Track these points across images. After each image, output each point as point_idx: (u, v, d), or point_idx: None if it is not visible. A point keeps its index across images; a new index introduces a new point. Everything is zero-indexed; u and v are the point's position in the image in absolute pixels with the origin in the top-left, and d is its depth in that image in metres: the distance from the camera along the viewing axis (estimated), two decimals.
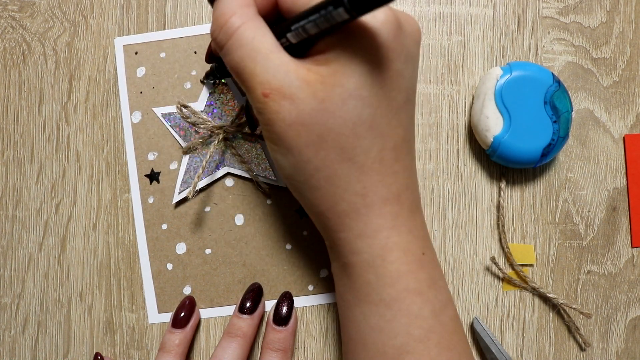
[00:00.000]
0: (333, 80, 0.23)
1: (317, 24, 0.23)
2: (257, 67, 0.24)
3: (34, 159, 0.38)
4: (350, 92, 0.24)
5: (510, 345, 0.37)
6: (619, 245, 0.38)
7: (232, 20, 0.24)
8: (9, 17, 0.38)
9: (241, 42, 0.24)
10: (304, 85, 0.24)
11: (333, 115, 0.24)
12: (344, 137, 0.24)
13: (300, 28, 0.24)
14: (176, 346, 0.34)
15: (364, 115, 0.24)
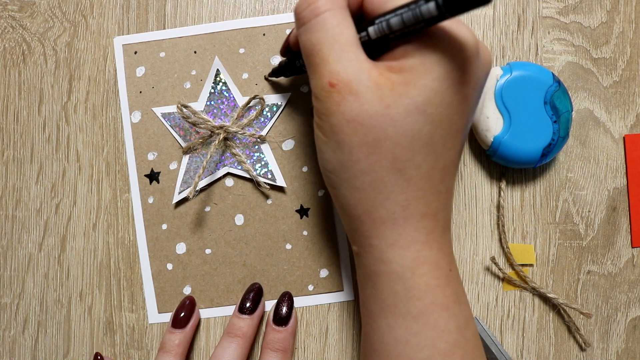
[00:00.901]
0: (402, 89, 0.23)
1: (403, 19, 0.22)
2: (332, 54, 0.24)
3: (34, 159, 0.38)
4: (416, 105, 0.23)
5: (510, 345, 0.37)
6: (619, 245, 0.38)
7: (323, 1, 0.24)
8: (9, 17, 0.38)
9: (324, 25, 0.24)
10: (373, 86, 0.23)
11: (394, 124, 0.24)
12: (399, 148, 0.24)
13: (384, 22, 0.23)
14: (176, 346, 0.34)
15: (423, 131, 0.24)
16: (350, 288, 0.37)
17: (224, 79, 0.37)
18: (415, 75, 0.23)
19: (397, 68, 0.24)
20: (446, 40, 0.23)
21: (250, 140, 0.37)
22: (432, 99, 0.23)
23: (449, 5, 0.20)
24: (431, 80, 0.23)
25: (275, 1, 0.38)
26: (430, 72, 0.23)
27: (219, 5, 0.38)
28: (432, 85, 0.23)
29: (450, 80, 0.24)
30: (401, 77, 0.23)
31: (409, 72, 0.23)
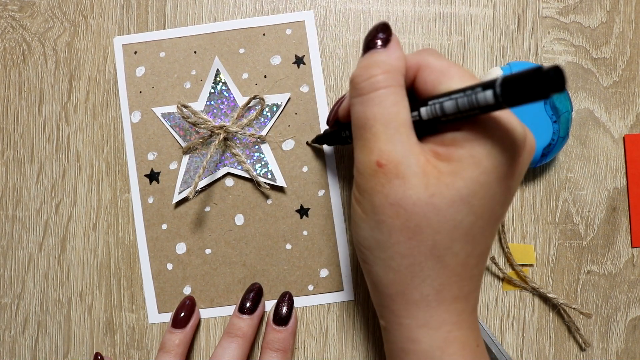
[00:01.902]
0: (449, 180, 0.23)
1: (458, 104, 0.22)
2: (385, 133, 0.24)
3: (34, 159, 0.38)
4: (461, 196, 0.23)
5: (510, 345, 0.37)
6: (619, 245, 0.37)
7: (383, 76, 0.24)
8: (9, 17, 0.38)
9: (382, 102, 0.24)
10: (420, 172, 0.23)
11: (437, 213, 0.23)
12: (440, 236, 0.24)
13: (437, 105, 0.23)
14: (176, 346, 0.34)
15: (465, 221, 0.24)
16: (350, 288, 0.37)
17: (224, 79, 0.37)
18: (463, 167, 0.23)
19: (445, 156, 0.24)
20: (497, 131, 0.23)
21: (250, 140, 0.37)
22: (477, 192, 0.23)
23: (507, 95, 0.20)
24: (478, 174, 0.23)
25: (275, 1, 0.38)
26: (478, 166, 0.23)
27: (219, 5, 0.38)
28: (479, 178, 0.23)
29: (498, 173, 0.23)
30: (448, 166, 0.23)
31: (456, 163, 0.23)
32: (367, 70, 0.25)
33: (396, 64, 0.25)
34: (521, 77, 0.19)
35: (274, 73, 0.37)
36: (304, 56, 0.37)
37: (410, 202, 0.23)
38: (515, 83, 0.20)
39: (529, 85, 0.19)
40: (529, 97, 0.19)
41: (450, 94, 0.23)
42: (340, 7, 0.38)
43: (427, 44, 0.38)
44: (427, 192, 0.23)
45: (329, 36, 0.38)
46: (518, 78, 0.20)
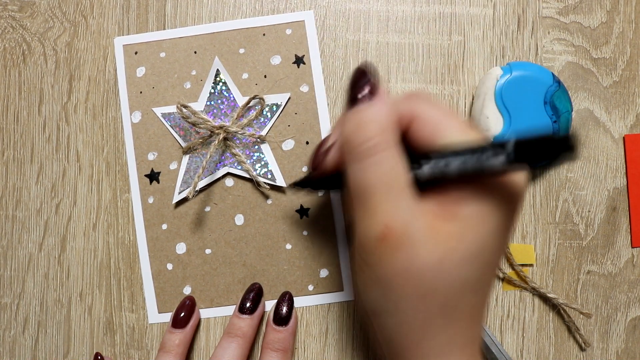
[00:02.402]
0: (457, 241, 0.22)
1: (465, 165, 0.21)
2: (387, 201, 0.22)
3: (34, 159, 0.38)
4: (469, 256, 0.23)
5: (510, 345, 0.37)
6: (619, 245, 0.37)
7: (378, 138, 0.23)
8: (9, 17, 0.38)
9: (381, 167, 0.22)
10: (427, 237, 0.22)
11: (447, 275, 0.23)
12: (450, 295, 0.23)
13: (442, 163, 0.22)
14: (176, 346, 0.34)
15: (473, 277, 0.23)
16: (350, 288, 0.37)
17: (224, 79, 0.37)
18: (470, 227, 0.22)
19: (450, 215, 0.23)
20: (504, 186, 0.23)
21: (250, 140, 0.37)
22: (485, 248, 0.23)
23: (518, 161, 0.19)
24: (486, 232, 0.23)
25: (275, 1, 0.38)
26: (486, 223, 0.22)
27: (219, 5, 0.38)
28: (487, 236, 0.23)
29: (503, 226, 0.23)
30: (455, 226, 0.22)
31: (463, 222, 0.22)
32: (360, 132, 0.23)
33: (389, 120, 0.24)
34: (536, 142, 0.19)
35: (274, 73, 0.37)
36: (304, 56, 0.37)
37: (420, 269, 0.22)
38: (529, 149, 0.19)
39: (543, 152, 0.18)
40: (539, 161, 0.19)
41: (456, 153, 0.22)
42: (340, 7, 0.38)
43: (427, 44, 0.38)
44: (435, 257, 0.22)
45: (329, 36, 0.38)
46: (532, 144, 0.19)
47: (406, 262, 0.22)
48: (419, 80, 0.38)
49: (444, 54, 0.38)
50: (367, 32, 0.38)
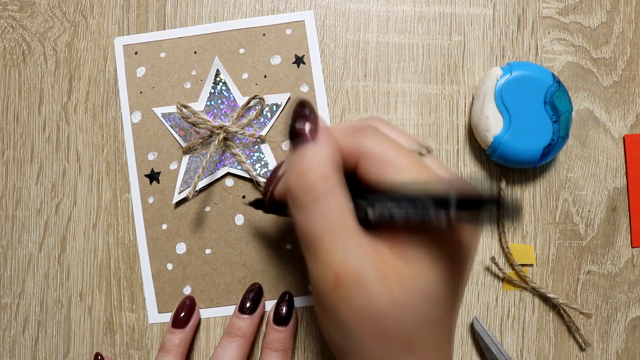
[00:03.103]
0: (410, 282, 0.22)
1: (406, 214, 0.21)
2: (336, 246, 0.22)
3: (34, 159, 0.38)
4: (425, 296, 0.22)
5: (510, 345, 0.37)
6: (619, 245, 0.37)
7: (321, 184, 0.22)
8: (9, 17, 0.38)
9: (326, 213, 0.22)
10: (380, 279, 0.22)
11: (404, 315, 0.22)
12: (410, 333, 0.23)
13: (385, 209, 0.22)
14: (176, 346, 0.34)
15: (433, 314, 0.23)
16: None
17: (224, 79, 0.37)
18: (423, 268, 0.22)
19: (402, 256, 0.22)
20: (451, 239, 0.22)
21: (250, 140, 0.37)
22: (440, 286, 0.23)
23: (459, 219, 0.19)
24: (439, 271, 0.22)
25: (275, 1, 0.38)
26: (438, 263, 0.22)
27: (219, 5, 0.38)
28: (440, 274, 0.22)
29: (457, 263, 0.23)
30: (408, 268, 0.22)
31: (415, 263, 0.22)
32: (301, 181, 0.23)
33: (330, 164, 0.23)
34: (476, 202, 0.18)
35: (274, 73, 0.37)
36: (303, 56, 0.37)
37: (376, 311, 0.22)
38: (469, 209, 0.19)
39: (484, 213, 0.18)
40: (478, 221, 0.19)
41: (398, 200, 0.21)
42: (340, 7, 0.38)
43: (427, 44, 0.38)
44: (391, 298, 0.22)
45: (329, 36, 0.38)
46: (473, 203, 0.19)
47: (362, 305, 0.22)
48: (419, 80, 0.38)
49: (444, 54, 0.38)
50: (367, 32, 0.38)
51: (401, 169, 0.22)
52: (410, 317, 0.22)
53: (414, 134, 0.37)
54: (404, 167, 0.22)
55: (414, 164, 0.23)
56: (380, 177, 0.23)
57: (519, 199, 0.18)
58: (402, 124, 0.38)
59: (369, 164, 0.23)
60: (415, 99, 0.38)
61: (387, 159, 0.23)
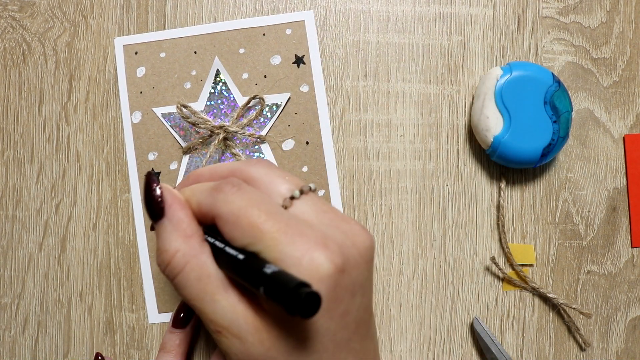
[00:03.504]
0: (278, 333, 0.23)
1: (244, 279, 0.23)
2: (205, 307, 0.24)
3: (34, 159, 0.38)
4: (295, 344, 0.23)
5: (510, 345, 0.37)
6: (619, 245, 0.38)
7: (175, 260, 0.25)
8: (9, 17, 0.38)
9: (187, 282, 0.24)
10: (252, 330, 0.24)
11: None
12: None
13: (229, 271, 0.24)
14: (177, 346, 0.34)
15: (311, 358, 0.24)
16: None
17: (224, 79, 0.37)
18: (285, 319, 0.23)
19: (268, 307, 0.24)
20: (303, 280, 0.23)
21: (250, 140, 0.37)
22: (309, 334, 0.23)
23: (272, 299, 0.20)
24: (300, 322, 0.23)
25: (275, 1, 0.38)
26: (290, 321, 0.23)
27: (219, 5, 0.38)
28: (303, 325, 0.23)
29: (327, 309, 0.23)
30: (274, 319, 0.23)
31: (274, 315, 0.23)
32: (160, 256, 0.25)
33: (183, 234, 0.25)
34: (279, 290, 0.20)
35: (274, 73, 0.37)
36: (304, 56, 0.37)
37: (255, 356, 0.24)
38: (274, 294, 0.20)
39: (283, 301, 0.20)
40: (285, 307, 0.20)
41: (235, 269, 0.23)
42: (340, 7, 0.38)
43: (427, 44, 0.38)
44: (263, 347, 0.23)
45: (329, 36, 0.38)
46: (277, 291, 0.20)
47: (242, 352, 0.24)
48: (419, 80, 0.38)
49: (444, 54, 0.38)
50: (367, 32, 0.38)
51: (246, 230, 0.23)
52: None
53: (414, 134, 0.38)
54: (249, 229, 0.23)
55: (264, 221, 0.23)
56: (231, 238, 0.24)
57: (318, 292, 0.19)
58: (402, 124, 0.38)
59: (221, 225, 0.24)
60: (415, 99, 0.38)
61: (234, 220, 0.24)
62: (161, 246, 0.25)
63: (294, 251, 0.22)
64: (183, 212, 0.26)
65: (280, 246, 0.22)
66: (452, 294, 0.37)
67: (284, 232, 0.23)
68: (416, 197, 0.37)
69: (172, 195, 0.26)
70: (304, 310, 0.19)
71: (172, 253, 0.25)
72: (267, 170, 0.26)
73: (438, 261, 0.37)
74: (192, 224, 0.26)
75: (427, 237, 0.37)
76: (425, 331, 0.37)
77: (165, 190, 0.26)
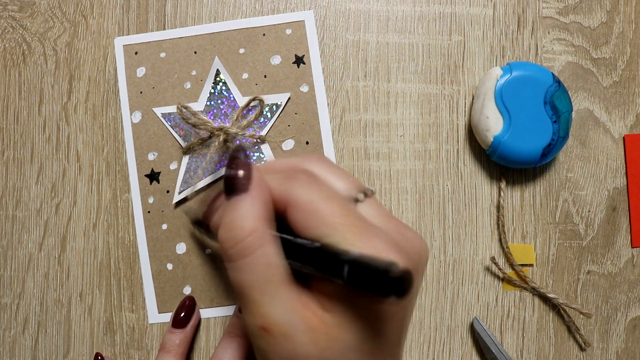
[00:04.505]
0: (336, 333, 0.22)
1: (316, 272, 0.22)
2: (264, 298, 0.23)
3: (34, 159, 0.38)
4: (352, 346, 0.23)
5: (510, 345, 0.37)
6: (619, 245, 0.38)
7: (250, 240, 0.23)
8: (9, 17, 0.38)
9: (255, 267, 0.23)
10: (306, 329, 0.22)
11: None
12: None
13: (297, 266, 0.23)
14: (176, 346, 0.34)
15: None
16: None
17: (224, 79, 0.37)
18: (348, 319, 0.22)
19: (329, 307, 0.23)
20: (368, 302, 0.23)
21: (250, 141, 0.37)
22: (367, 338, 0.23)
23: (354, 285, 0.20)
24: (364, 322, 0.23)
25: (275, 1, 0.38)
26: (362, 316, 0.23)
27: (219, 5, 0.38)
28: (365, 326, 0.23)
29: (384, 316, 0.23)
30: (334, 319, 0.23)
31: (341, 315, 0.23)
32: (231, 234, 0.23)
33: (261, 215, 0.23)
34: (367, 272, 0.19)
35: (274, 73, 0.37)
36: (304, 56, 0.37)
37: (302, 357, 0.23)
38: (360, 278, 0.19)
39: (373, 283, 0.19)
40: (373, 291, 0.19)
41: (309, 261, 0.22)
42: (340, 7, 0.38)
43: (427, 44, 0.38)
44: (317, 348, 0.22)
45: (329, 36, 0.38)
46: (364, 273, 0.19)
47: (289, 353, 0.23)
48: (419, 80, 0.38)
49: (444, 54, 0.38)
50: (367, 32, 0.38)
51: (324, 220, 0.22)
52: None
53: (414, 134, 0.38)
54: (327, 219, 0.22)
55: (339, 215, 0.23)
56: (304, 227, 0.23)
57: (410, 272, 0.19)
58: (402, 124, 0.38)
59: (295, 213, 0.23)
60: (415, 99, 0.38)
61: (311, 209, 0.23)
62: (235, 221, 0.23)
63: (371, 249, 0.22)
64: (268, 194, 0.24)
65: (358, 242, 0.22)
66: (452, 294, 0.37)
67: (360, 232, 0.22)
68: (416, 197, 0.37)
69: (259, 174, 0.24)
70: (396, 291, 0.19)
71: (248, 231, 0.23)
72: (329, 168, 0.26)
73: (438, 261, 0.37)
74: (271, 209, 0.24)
75: (427, 237, 0.37)
76: (425, 331, 0.37)
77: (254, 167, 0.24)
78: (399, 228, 0.24)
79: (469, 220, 0.37)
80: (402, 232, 0.24)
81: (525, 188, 0.37)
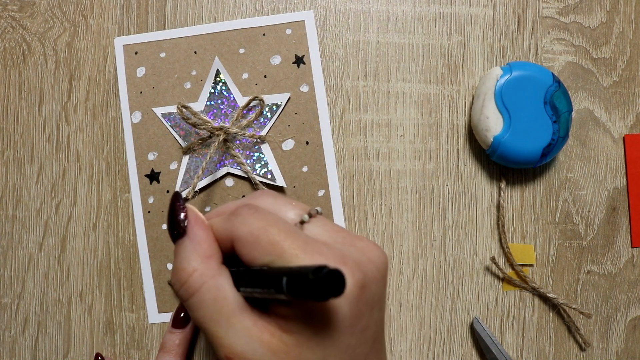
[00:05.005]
0: (298, 351, 0.23)
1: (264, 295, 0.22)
2: (219, 330, 0.24)
3: (34, 159, 0.38)
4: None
5: (510, 345, 0.37)
6: (619, 245, 0.38)
7: (192, 279, 0.24)
8: (9, 17, 0.38)
9: (203, 303, 0.24)
10: (269, 353, 0.23)
11: None
12: None
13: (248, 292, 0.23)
14: (176, 346, 0.34)
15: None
16: None
17: (224, 79, 0.37)
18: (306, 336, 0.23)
19: (287, 328, 0.23)
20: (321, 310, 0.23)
21: (250, 141, 0.37)
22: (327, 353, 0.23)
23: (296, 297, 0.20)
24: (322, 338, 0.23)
25: (275, 1, 0.38)
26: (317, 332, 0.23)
27: (219, 5, 0.38)
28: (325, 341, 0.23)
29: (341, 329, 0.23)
30: (293, 339, 0.23)
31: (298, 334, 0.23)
32: (177, 275, 0.25)
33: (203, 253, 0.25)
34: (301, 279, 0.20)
35: (274, 73, 0.37)
36: (304, 56, 0.37)
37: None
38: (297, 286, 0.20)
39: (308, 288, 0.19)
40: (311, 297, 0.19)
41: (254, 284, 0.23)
42: (340, 7, 0.38)
43: (427, 44, 0.38)
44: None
45: (329, 36, 0.38)
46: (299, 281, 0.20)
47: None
48: (419, 80, 0.38)
49: (444, 54, 0.38)
50: (367, 32, 0.38)
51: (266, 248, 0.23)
52: None
53: (414, 134, 0.38)
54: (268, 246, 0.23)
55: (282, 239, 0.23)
56: (251, 258, 0.24)
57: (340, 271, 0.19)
58: (402, 124, 0.38)
59: (240, 247, 0.24)
60: (415, 99, 0.38)
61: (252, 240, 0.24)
62: (179, 265, 0.25)
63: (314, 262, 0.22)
64: (205, 232, 0.25)
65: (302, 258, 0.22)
66: (452, 294, 0.37)
67: (303, 249, 0.23)
68: (416, 197, 0.37)
69: (196, 216, 0.26)
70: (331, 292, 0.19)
71: (189, 272, 0.24)
72: (273, 199, 0.27)
73: (438, 261, 0.37)
74: (213, 246, 0.25)
75: (427, 237, 0.37)
76: (425, 331, 0.37)
77: (190, 210, 0.26)
78: (347, 240, 0.25)
79: (469, 220, 0.37)
80: (352, 243, 0.25)
81: (525, 188, 0.37)
